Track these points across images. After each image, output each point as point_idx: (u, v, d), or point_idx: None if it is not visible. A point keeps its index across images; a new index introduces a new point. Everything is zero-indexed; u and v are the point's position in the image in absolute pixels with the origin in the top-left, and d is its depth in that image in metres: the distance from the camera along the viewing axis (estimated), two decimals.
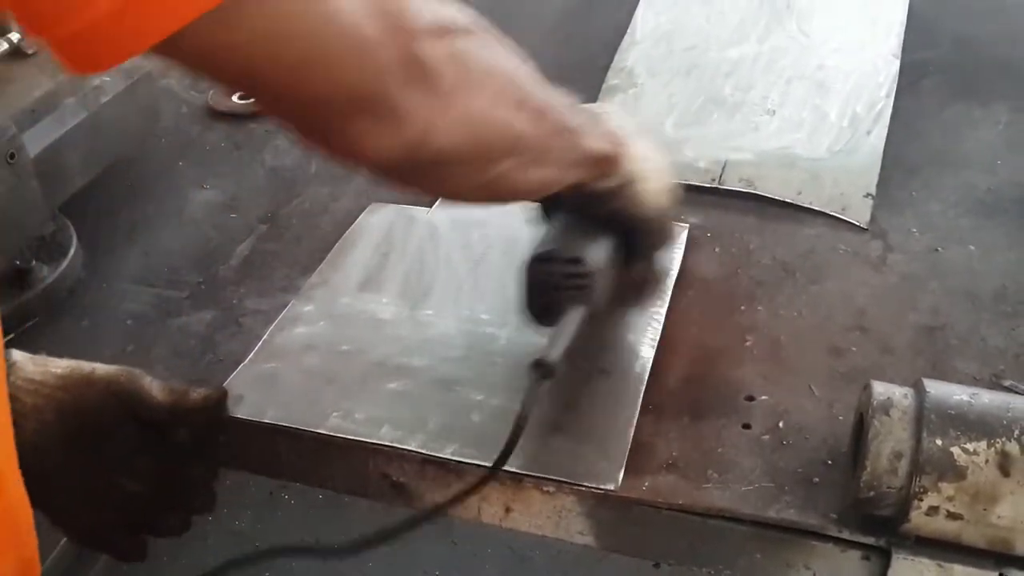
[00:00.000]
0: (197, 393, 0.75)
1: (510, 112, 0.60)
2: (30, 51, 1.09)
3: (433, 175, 0.60)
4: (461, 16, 0.57)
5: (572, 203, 0.74)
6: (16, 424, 0.54)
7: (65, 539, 0.77)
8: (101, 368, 0.72)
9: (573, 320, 0.73)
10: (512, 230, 0.98)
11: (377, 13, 0.50)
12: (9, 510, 0.52)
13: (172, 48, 0.44)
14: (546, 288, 0.75)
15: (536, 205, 0.82)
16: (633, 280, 0.83)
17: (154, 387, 0.73)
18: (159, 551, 0.77)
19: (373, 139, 0.53)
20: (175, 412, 0.73)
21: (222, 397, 0.77)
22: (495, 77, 0.59)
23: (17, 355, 0.71)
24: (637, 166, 0.73)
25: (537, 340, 0.82)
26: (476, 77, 0.57)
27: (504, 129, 0.60)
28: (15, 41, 1.07)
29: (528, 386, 0.68)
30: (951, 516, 0.63)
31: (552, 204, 0.79)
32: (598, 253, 0.76)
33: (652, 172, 0.75)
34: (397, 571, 1.36)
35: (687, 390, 0.80)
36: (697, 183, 1.03)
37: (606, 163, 0.71)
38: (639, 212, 0.75)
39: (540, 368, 0.69)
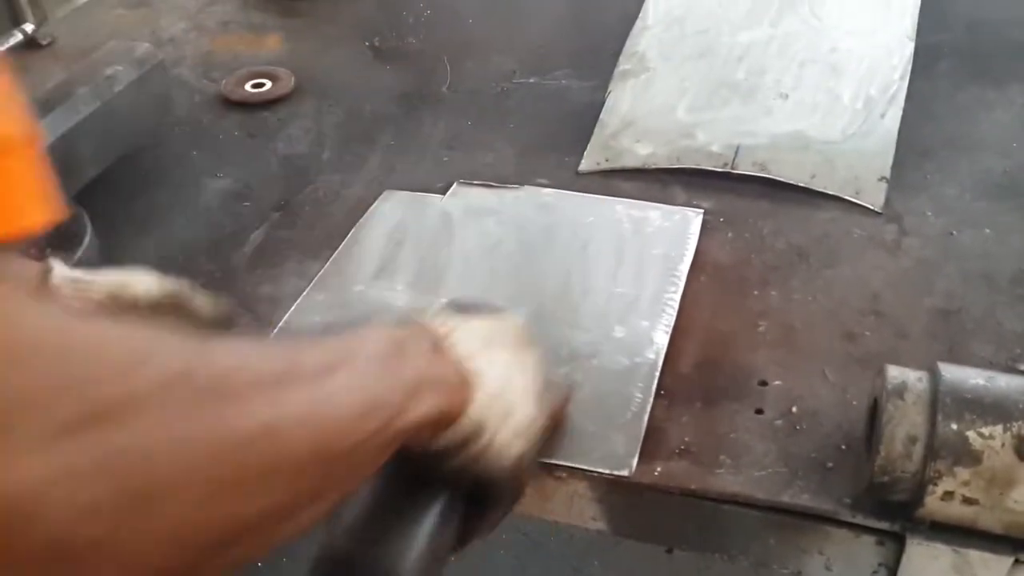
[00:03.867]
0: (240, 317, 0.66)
1: (240, 495, 0.38)
2: (44, 42, 1.10)
3: None
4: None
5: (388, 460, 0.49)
6: None
7: None
8: (143, 289, 0.63)
9: None
10: (527, 218, 0.98)
11: None
12: None
13: None
14: None
15: None
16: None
17: (204, 308, 0.64)
18: None
19: None
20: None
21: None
22: (195, 463, 0.36)
23: (57, 274, 0.61)
24: (487, 411, 0.53)
25: (553, 329, 0.83)
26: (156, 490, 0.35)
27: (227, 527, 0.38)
28: (29, 32, 1.07)
29: None
30: (967, 501, 0.62)
31: None
32: (419, 544, 0.53)
33: (510, 412, 0.55)
34: None
35: (700, 375, 0.79)
36: (710, 168, 1.02)
37: (441, 422, 0.51)
38: (485, 470, 0.54)
39: None
